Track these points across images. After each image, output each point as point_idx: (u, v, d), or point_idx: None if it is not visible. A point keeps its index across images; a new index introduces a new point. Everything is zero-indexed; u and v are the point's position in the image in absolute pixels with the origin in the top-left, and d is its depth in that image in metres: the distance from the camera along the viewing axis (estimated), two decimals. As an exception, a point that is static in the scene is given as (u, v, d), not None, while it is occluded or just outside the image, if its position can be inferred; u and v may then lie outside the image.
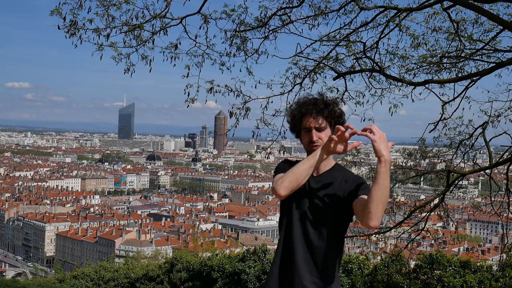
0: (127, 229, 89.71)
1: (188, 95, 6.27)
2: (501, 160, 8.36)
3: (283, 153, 7.72)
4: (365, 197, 2.41)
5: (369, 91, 7.68)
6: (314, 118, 2.64)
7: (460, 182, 8.92)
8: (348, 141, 2.52)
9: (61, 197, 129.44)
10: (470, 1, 6.01)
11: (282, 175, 2.58)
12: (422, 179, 10.25)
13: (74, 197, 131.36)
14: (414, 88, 7.59)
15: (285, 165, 2.75)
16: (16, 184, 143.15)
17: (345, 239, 2.93)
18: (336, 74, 7.29)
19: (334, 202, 2.58)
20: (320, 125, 2.65)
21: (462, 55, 7.62)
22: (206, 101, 6.49)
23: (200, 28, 6.21)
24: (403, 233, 9.77)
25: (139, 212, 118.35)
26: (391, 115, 7.78)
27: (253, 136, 7.07)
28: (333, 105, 2.68)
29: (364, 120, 7.51)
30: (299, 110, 2.70)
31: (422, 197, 11.17)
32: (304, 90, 7.30)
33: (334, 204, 2.58)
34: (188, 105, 6.28)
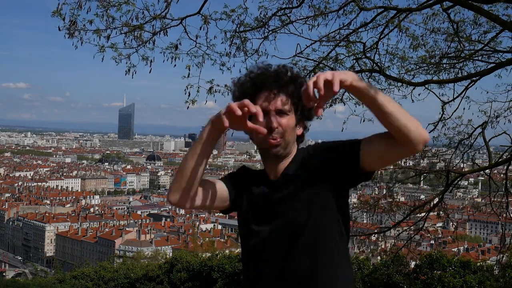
0: (127, 229, 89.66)
1: (189, 96, 6.29)
2: (500, 160, 8.39)
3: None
4: (374, 142, 1.67)
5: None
6: (274, 96, 1.79)
7: (460, 182, 8.94)
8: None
9: (61, 197, 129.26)
10: (470, 2, 6.03)
11: None
12: (421, 179, 10.26)
13: (74, 197, 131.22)
14: (413, 89, 7.64)
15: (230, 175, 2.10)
16: (16, 184, 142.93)
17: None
18: (336, 75, 7.29)
19: (315, 199, 1.78)
20: (282, 106, 1.80)
21: (462, 55, 7.64)
22: (206, 101, 6.51)
23: (200, 29, 6.25)
24: (402, 232, 9.80)
25: (139, 212, 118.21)
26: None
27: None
28: (302, 79, 1.86)
29: (364, 121, 7.53)
30: (253, 83, 1.83)
31: (422, 197, 11.17)
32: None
33: (317, 202, 1.78)
34: (188, 106, 6.29)
